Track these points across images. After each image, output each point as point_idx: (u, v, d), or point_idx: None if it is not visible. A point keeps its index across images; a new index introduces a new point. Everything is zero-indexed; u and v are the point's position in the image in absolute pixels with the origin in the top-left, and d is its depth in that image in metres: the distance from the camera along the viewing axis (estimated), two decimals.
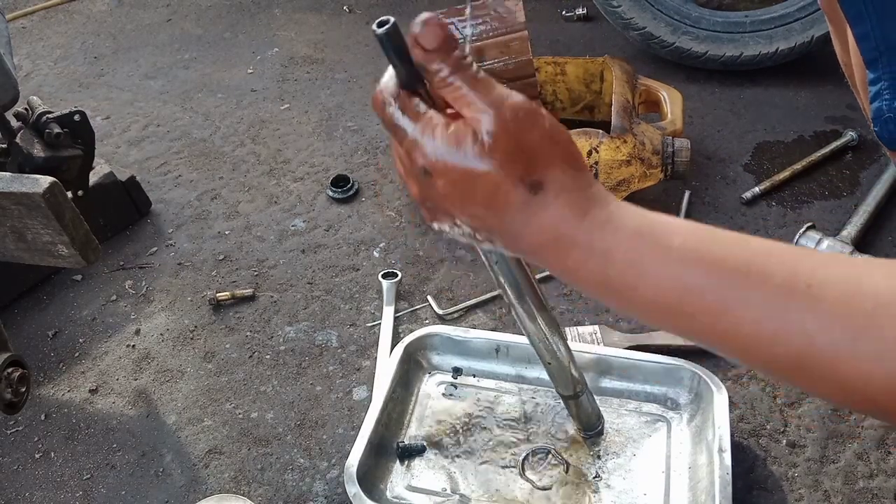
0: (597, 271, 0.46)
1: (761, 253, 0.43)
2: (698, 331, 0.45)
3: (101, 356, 1.17)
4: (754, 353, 0.43)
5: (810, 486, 0.90)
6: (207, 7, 2.31)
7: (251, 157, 1.60)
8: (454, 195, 0.47)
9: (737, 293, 0.42)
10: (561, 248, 0.46)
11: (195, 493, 0.96)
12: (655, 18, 1.63)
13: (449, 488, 0.90)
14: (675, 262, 0.44)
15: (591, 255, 0.46)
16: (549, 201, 0.46)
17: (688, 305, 0.44)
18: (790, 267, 0.42)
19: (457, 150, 0.45)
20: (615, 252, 0.45)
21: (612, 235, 0.46)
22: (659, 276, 0.44)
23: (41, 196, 0.86)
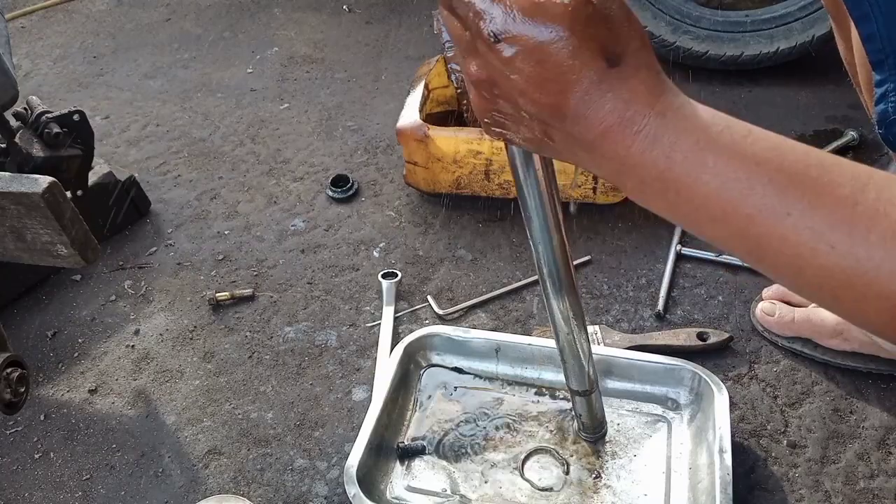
0: (659, 161, 0.43)
1: (830, 164, 0.42)
2: (749, 236, 0.43)
3: (100, 356, 1.17)
4: (807, 265, 0.41)
5: (811, 487, 0.90)
6: (207, 6, 2.31)
7: (251, 156, 1.60)
8: (523, 66, 0.43)
9: (802, 200, 0.41)
10: (627, 133, 0.43)
11: (195, 493, 0.96)
12: (656, 18, 1.63)
13: (449, 489, 0.90)
14: (743, 156, 0.42)
15: (657, 141, 0.43)
16: (628, 75, 0.43)
17: (747, 206, 0.42)
18: (862, 181, 0.40)
19: (536, 12, 0.42)
20: (683, 139, 0.43)
21: (683, 121, 0.43)
22: (725, 171, 0.42)
23: (40, 196, 0.86)
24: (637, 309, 1.15)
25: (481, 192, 1.31)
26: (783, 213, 0.41)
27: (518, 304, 1.18)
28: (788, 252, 0.42)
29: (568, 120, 0.44)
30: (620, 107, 0.43)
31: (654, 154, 0.43)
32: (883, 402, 0.98)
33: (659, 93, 0.44)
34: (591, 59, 0.42)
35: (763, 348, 1.07)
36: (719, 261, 1.19)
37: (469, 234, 1.32)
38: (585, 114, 0.43)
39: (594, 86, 0.43)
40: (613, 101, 0.43)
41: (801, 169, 0.41)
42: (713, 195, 0.43)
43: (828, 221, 0.40)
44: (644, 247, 1.25)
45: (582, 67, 0.42)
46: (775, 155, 0.42)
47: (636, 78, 0.44)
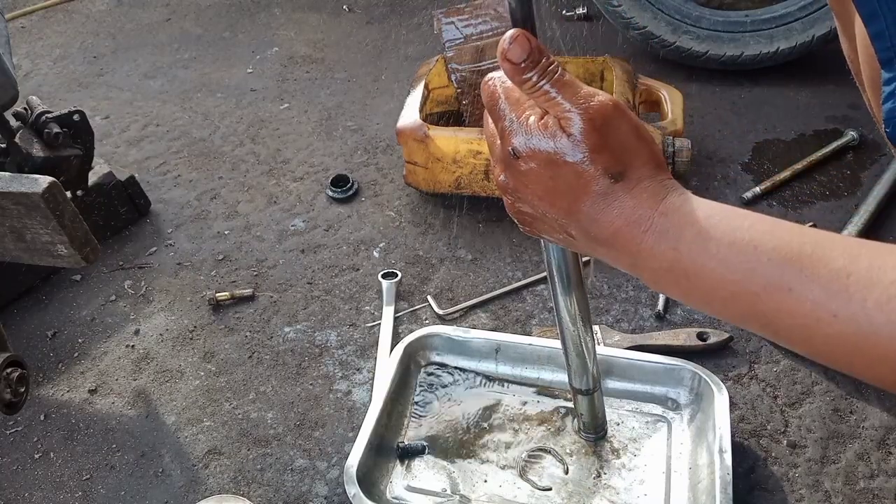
0: (667, 253, 0.49)
1: (822, 240, 0.46)
2: (759, 313, 0.47)
3: (100, 356, 1.17)
4: (813, 333, 0.45)
5: (811, 487, 0.90)
6: (207, 6, 2.31)
7: (251, 156, 1.60)
8: (538, 179, 0.51)
9: (800, 274, 0.45)
10: (635, 232, 0.49)
11: (195, 493, 0.96)
12: (656, 18, 1.63)
13: (449, 489, 0.90)
14: (742, 243, 0.47)
15: (662, 237, 0.49)
16: (630, 187, 0.50)
17: (753, 286, 0.46)
18: (850, 252, 0.44)
19: (548, 139, 0.50)
20: (686, 232, 0.48)
21: (683, 219, 0.49)
22: (727, 256, 0.47)
23: (40, 196, 0.86)
24: (637, 309, 1.15)
25: (481, 192, 1.31)
26: (785, 288, 0.45)
27: (518, 304, 1.18)
28: (796, 324, 0.45)
29: (582, 223, 0.51)
30: (627, 212, 0.49)
31: (663, 248, 0.49)
32: (883, 402, 0.98)
33: (662, 197, 0.50)
34: (596, 178, 0.49)
35: (763, 348, 1.07)
36: None
37: (469, 234, 1.32)
38: (596, 218, 0.50)
39: (601, 198, 0.50)
40: (619, 209, 0.50)
41: (796, 247, 0.46)
42: (720, 279, 0.48)
43: (826, 292, 0.44)
44: None
45: (588, 184, 0.49)
46: (770, 237, 0.47)
47: (639, 188, 0.50)
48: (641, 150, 0.51)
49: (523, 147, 0.51)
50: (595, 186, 0.49)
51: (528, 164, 0.51)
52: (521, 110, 0.52)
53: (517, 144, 0.51)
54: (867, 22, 0.54)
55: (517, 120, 0.51)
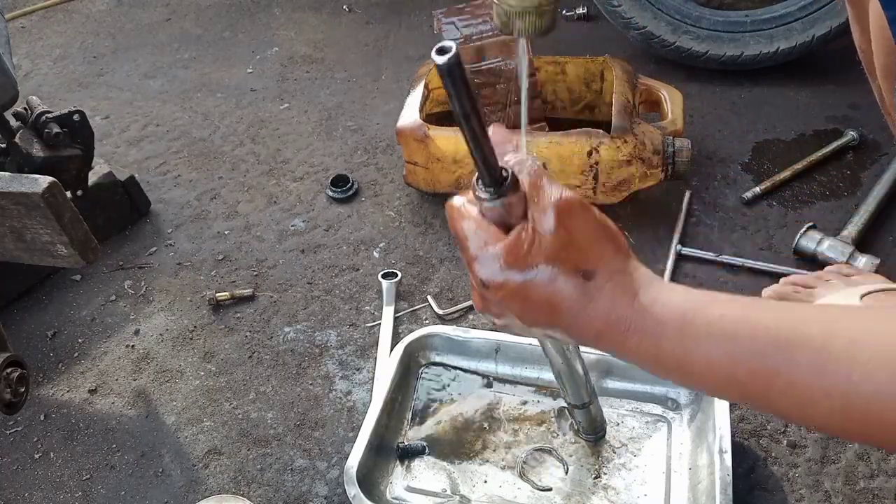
0: (651, 350, 0.50)
1: (800, 317, 0.47)
2: (752, 396, 0.48)
3: (100, 356, 1.17)
4: (809, 412, 0.46)
5: (811, 487, 0.90)
6: (207, 6, 2.31)
7: (251, 156, 1.60)
8: (512, 303, 0.51)
9: (782, 357, 0.45)
10: (616, 332, 0.50)
11: (195, 493, 0.96)
12: (656, 18, 1.63)
13: (449, 489, 0.90)
14: (720, 334, 0.48)
15: (643, 335, 0.49)
16: (602, 284, 0.50)
17: (739, 374, 0.47)
18: (828, 327, 0.45)
19: (510, 267, 0.50)
20: (665, 331, 0.49)
21: (659, 315, 0.49)
22: (707, 349, 0.48)
23: (40, 196, 0.86)
24: None
25: None
26: (772, 373, 0.46)
27: None
28: (793, 403, 0.46)
29: (563, 330, 0.52)
30: (604, 312, 0.50)
31: (645, 345, 0.50)
32: None
33: (635, 291, 0.50)
34: (568, 280, 0.49)
35: None
36: (719, 261, 1.19)
37: None
38: (576, 323, 0.51)
39: (576, 300, 0.50)
40: (596, 309, 0.50)
41: (773, 332, 0.46)
42: (706, 372, 0.48)
43: (812, 373, 0.44)
44: (644, 247, 1.25)
45: (562, 290, 0.49)
46: (746, 326, 0.47)
47: (611, 283, 0.50)
48: (607, 244, 0.51)
49: (491, 276, 0.50)
50: (569, 290, 0.49)
51: (499, 290, 0.51)
52: (480, 237, 0.51)
53: (486, 273, 0.51)
54: (887, 7, 0.53)
55: (480, 250, 0.51)
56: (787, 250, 1.21)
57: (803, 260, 1.18)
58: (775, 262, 1.18)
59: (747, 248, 1.22)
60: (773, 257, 1.20)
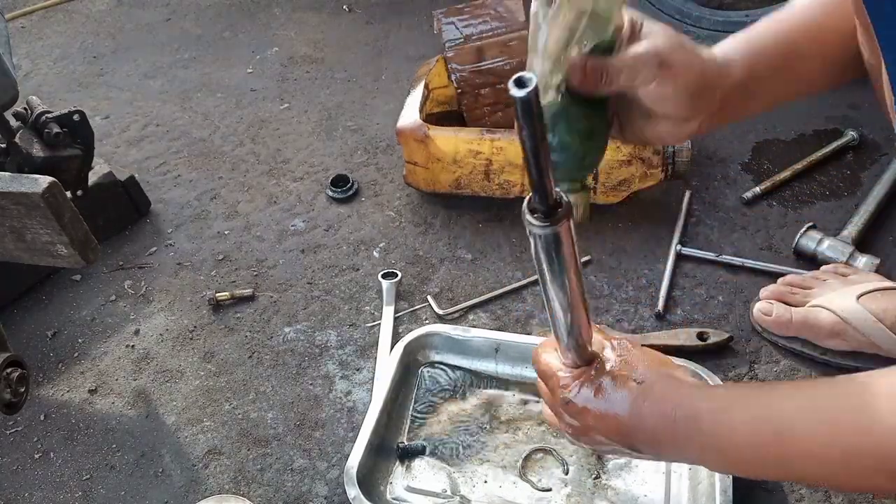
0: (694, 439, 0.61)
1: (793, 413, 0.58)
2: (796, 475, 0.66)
3: (100, 356, 1.17)
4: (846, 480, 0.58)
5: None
6: (207, 6, 2.31)
7: (251, 156, 1.60)
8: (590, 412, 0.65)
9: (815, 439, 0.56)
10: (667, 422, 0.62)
11: (194, 493, 0.96)
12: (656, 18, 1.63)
13: (449, 489, 0.90)
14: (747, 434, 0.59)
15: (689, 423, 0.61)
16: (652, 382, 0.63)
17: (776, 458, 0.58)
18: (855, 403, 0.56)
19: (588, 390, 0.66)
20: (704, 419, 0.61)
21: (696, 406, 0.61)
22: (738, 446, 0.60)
23: (40, 196, 0.86)
24: (637, 309, 1.15)
25: (481, 192, 1.31)
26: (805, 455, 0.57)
27: (518, 303, 1.18)
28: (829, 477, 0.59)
29: (629, 434, 0.64)
30: (658, 409, 0.62)
31: (690, 434, 0.61)
32: None
33: (678, 385, 0.64)
34: (627, 385, 0.64)
35: (763, 348, 1.07)
36: (719, 261, 1.19)
37: (469, 234, 1.32)
38: (637, 425, 0.63)
39: (634, 401, 0.63)
40: (651, 406, 0.62)
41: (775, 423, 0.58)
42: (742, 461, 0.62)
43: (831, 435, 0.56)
44: (644, 247, 1.25)
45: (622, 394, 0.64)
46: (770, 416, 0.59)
47: (658, 383, 0.63)
48: (654, 360, 0.67)
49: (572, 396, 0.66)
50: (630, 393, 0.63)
51: (576, 405, 0.66)
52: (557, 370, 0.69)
53: (566, 394, 0.67)
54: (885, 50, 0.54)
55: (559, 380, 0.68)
56: (787, 250, 1.21)
57: (803, 260, 1.18)
58: (775, 262, 1.18)
59: (747, 248, 1.22)
60: (773, 257, 1.20)
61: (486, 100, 1.42)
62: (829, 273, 1.06)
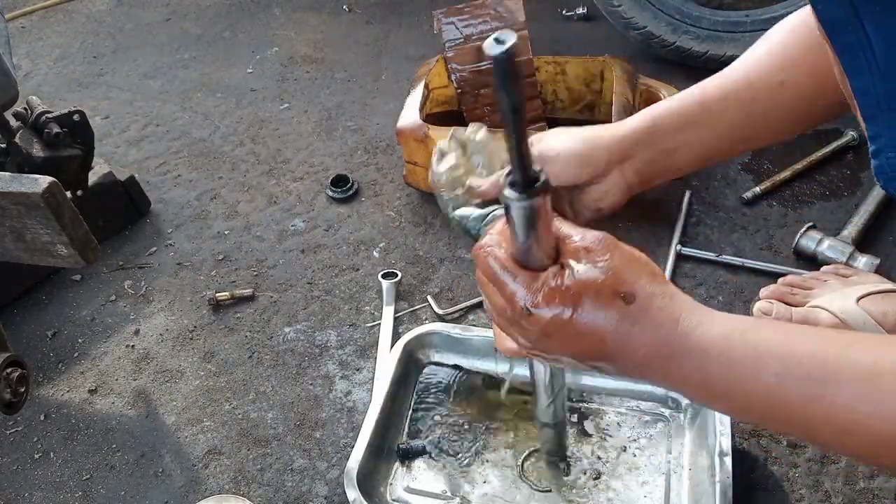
0: (696, 375, 0.50)
1: (846, 342, 0.47)
2: (795, 421, 0.49)
3: (100, 356, 1.17)
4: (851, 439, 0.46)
5: (811, 487, 0.90)
6: (207, 6, 2.31)
7: (251, 156, 1.60)
8: (557, 337, 0.52)
9: (829, 379, 0.46)
10: (662, 357, 0.51)
11: (194, 493, 0.96)
12: (656, 18, 1.63)
13: (449, 490, 0.90)
14: (766, 357, 0.48)
15: (688, 359, 0.50)
16: (645, 305, 0.51)
17: (785, 397, 0.47)
18: (875, 354, 0.45)
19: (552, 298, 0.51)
20: (710, 354, 0.50)
21: (704, 338, 0.50)
22: (754, 372, 0.48)
23: (40, 196, 0.86)
24: None
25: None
26: (818, 395, 0.46)
27: None
28: (835, 428, 0.46)
29: (610, 357, 0.52)
30: (649, 336, 0.51)
31: (690, 369, 0.50)
32: None
33: (677, 315, 0.51)
34: (611, 302, 0.50)
35: None
36: (719, 261, 1.19)
37: None
38: (623, 349, 0.51)
39: (622, 324, 0.50)
40: (642, 334, 0.51)
41: (820, 357, 0.47)
42: (753, 395, 0.49)
43: (857, 394, 0.45)
44: (644, 247, 1.24)
45: (604, 312, 0.50)
46: (792, 350, 0.48)
47: (653, 308, 0.51)
48: (642, 270, 0.52)
49: (532, 301, 0.52)
50: (613, 313, 0.50)
51: (544, 316, 0.52)
52: (517, 271, 0.53)
53: (528, 303, 0.52)
54: (850, 76, 0.50)
55: (521, 282, 0.52)
56: (787, 250, 1.21)
57: (803, 260, 1.18)
58: (775, 262, 1.18)
59: (747, 248, 1.22)
60: (773, 257, 1.20)
61: (486, 100, 1.42)
62: (830, 273, 1.06)
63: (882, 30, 0.46)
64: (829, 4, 0.48)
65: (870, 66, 0.49)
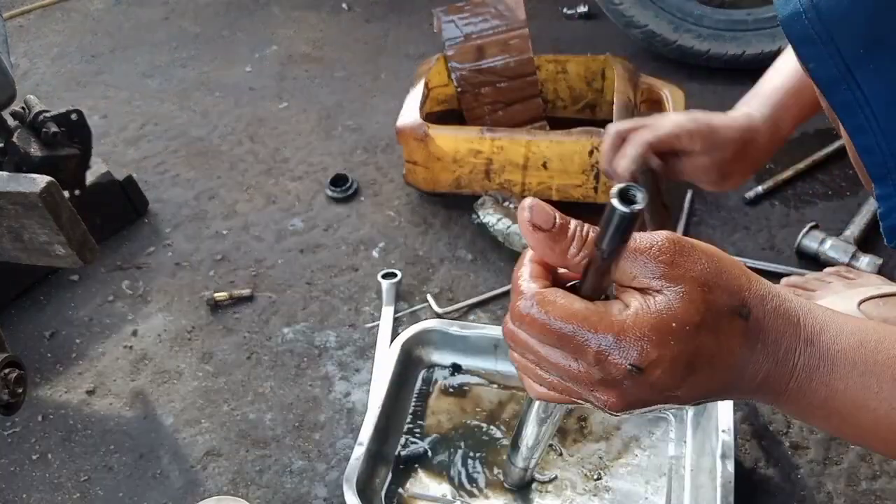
0: (820, 390, 0.43)
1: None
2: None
3: (98, 357, 1.16)
4: None
5: (813, 488, 0.89)
6: (205, 5, 2.30)
7: (249, 156, 1.59)
8: (674, 379, 0.41)
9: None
10: (784, 370, 0.43)
11: (193, 495, 0.95)
12: (657, 16, 1.63)
13: (448, 492, 0.89)
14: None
15: (814, 370, 0.43)
16: (763, 315, 0.42)
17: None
18: None
19: (663, 330, 0.39)
20: (840, 363, 0.43)
21: (834, 344, 0.43)
22: (892, 392, 0.42)
23: (38, 195, 0.85)
24: None
25: (481, 191, 1.31)
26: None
27: None
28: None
29: (731, 390, 0.44)
30: (773, 350, 0.43)
31: (814, 385, 0.43)
32: None
33: (797, 319, 0.44)
34: (731, 327, 0.41)
35: None
36: None
37: (469, 234, 1.31)
38: (744, 375, 0.43)
39: (746, 349, 0.42)
40: (764, 350, 0.42)
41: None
42: (883, 420, 0.43)
43: None
44: None
45: (728, 342, 0.41)
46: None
47: (772, 315, 0.43)
48: (734, 269, 0.43)
49: (643, 358, 0.40)
50: (736, 338, 0.41)
51: (658, 369, 0.40)
52: (604, 322, 0.40)
53: (634, 359, 0.40)
54: (853, 135, 0.48)
55: (606, 334, 0.40)
56: (789, 250, 1.20)
57: (805, 260, 1.18)
58: (777, 262, 1.17)
59: (749, 248, 1.22)
60: (776, 257, 1.20)
61: (487, 98, 1.41)
62: (832, 275, 1.05)
63: (877, 88, 0.44)
64: (821, 63, 0.46)
65: (870, 125, 0.46)
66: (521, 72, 1.40)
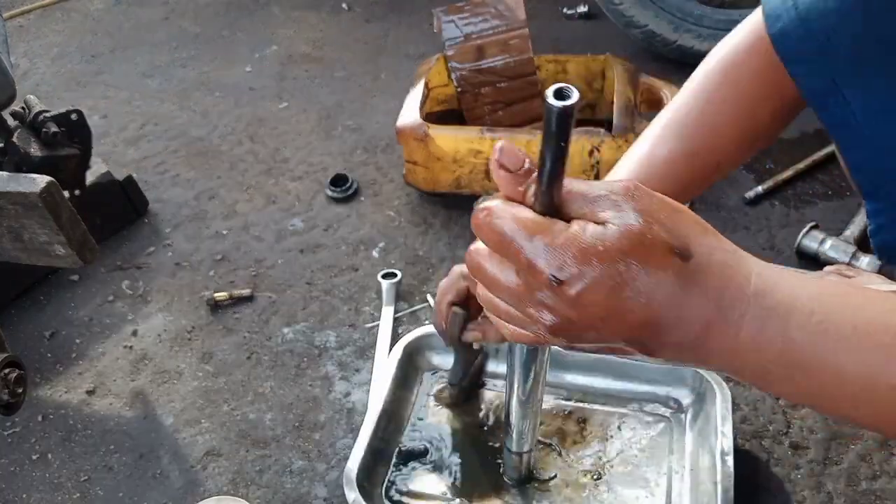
0: (775, 343, 0.40)
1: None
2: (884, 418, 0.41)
3: (98, 357, 1.16)
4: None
5: (813, 488, 0.89)
6: (205, 5, 2.30)
7: (249, 156, 1.59)
8: (599, 297, 0.39)
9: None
10: (730, 319, 0.40)
11: (193, 495, 0.95)
12: (657, 16, 1.63)
13: (449, 491, 0.89)
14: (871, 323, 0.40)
15: (767, 322, 0.40)
16: (705, 262, 0.40)
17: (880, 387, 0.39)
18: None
19: (588, 258, 0.39)
20: (795, 316, 0.40)
21: (786, 295, 0.40)
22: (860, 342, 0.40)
23: (38, 195, 0.85)
24: None
25: (482, 191, 1.31)
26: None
27: None
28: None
29: (662, 332, 0.41)
30: (714, 297, 0.40)
31: (768, 335, 0.40)
32: None
33: (746, 270, 0.41)
34: (664, 261, 0.39)
35: None
36: None
37: (469, 234, 1.31)
38: (679, 318, 0.40)
39: (678, 287, 0.39)
40: (703, 295, 0.40)
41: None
42: (851, 374, 0.40)
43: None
44: None
45: (657, 275, 0.39)
46: None
47: (718, 265, 0.40)
48: (690, 218, 0.41)
49: (560, 268, 0.39)
50: (667, 275, 0.39)
51: (575, 284, 0.39)
52: (541, 230, 0.40)
53: (555, 269, 0.39)
54: (844, 152, 0.47)
55: (538, 241, 0.40)
56: (789, 250, 1.20)
57: (806, 259, 1.18)
58: (778, 262, 1.17)
59: (749, 248, 1.20)
60: (776, 257, 1.20)
61: (487, 98, 1.41)
62: (833, 274, 1.05)
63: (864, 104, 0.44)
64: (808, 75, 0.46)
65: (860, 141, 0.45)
66: (521, 72, 1.40)
